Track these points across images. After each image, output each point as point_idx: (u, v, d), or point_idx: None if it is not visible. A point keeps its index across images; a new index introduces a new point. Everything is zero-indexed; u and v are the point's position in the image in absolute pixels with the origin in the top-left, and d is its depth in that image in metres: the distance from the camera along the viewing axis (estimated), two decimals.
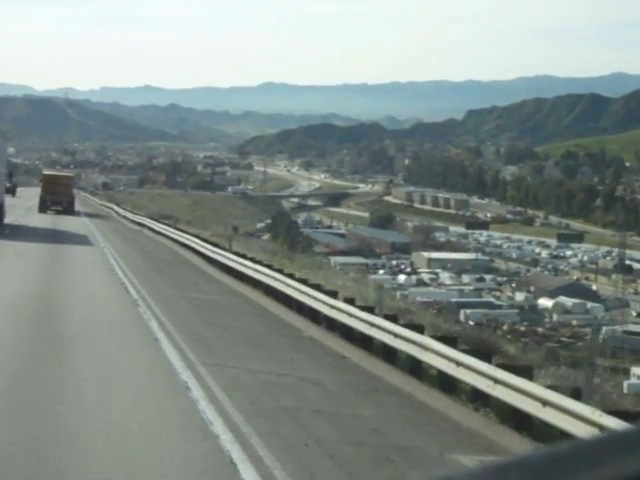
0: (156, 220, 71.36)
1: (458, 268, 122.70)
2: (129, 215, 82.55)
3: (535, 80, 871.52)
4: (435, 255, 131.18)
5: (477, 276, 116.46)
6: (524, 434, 13.59)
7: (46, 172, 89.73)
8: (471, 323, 70.73)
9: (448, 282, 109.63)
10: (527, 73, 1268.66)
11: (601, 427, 11.29)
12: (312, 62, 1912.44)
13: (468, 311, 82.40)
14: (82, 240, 49.34)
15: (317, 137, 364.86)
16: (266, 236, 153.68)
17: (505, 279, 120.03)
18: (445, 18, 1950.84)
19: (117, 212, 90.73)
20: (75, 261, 38.46)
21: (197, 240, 47.78)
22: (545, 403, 12.85)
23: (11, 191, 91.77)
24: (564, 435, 12.16)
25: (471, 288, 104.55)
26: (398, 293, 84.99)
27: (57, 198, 76.06)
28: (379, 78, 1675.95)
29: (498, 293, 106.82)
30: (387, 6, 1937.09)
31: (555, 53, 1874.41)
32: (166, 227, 62.29)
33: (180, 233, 54.91)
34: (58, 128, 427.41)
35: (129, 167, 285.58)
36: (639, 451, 1.52)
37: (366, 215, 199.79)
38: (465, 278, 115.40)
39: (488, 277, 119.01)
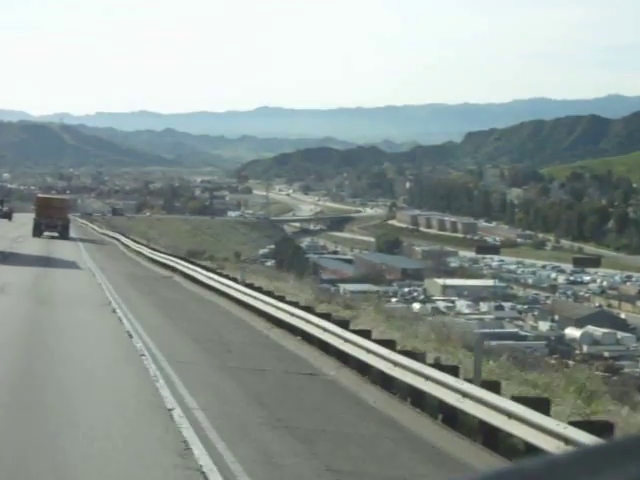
0: (188, 260, 51.00)
1: (475, 295, 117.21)
2: (145, 251, 62.84)
3: (531, 103, 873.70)
4: (450, 282, 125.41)
5: (495, 304, 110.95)
6: None
7: (41, 195, 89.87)
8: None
9: (466, 310, 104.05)
10: (523, 96, 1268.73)
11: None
12: (308, 86, 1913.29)
13: (493, 343, 76.35)
14: (87, 308, 29.95)
15: (315, 160, 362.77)
16: (270, 262, 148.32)
17: (525, 307, 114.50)
18: (440, 41, 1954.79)
19: (125, 245, 73.80)
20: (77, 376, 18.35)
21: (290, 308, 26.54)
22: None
23: (7, 216, 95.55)
24: None
25: (491, 317, 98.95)
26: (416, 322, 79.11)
27: (52, 222, 74.13)
28: (374, 102, 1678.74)
29: (520, 322, 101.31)
30: (383, 30, 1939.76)
31: (550, 75, 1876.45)
32: (209, 274, 40.77)
33: (240, 287, 33.73)
34: (54, 153, 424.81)
35: (126, 192, 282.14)
36: (636, 459, 1.51)
37: (371, 239, 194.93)
38: (483, 306, 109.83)
39: (507, 305, 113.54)
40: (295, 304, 27.08)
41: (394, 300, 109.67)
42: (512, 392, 15.99)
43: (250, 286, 33.52)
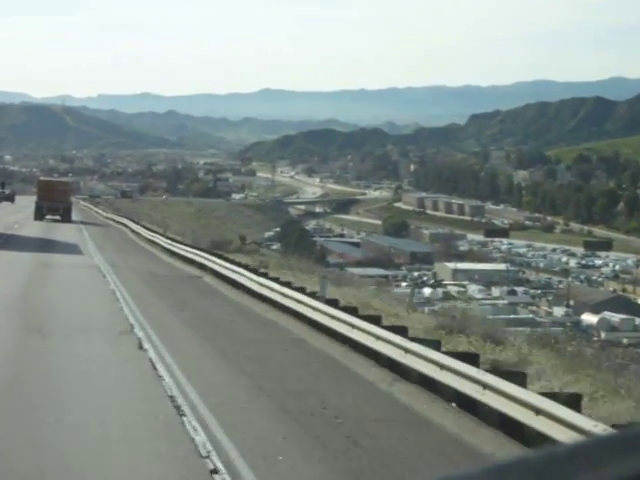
0: (219, 255, 40.18)
1: (486, 280, 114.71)
2: (161, 241, 54.65)
3: (534, 85, 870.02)
4: (460, 266, 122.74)
5: (508, 289, 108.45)
6: None
7: (42, 178, 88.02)
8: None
9: (478, 295, 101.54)
10: (525, 78, 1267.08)
11: None
12: (310, 68, 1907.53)
13: (510, 329, 74.15)
14: (98, 340, 20.24)
15: (318, 143, 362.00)
16: (275, 245, 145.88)
17: (539, 292, 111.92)
18: (442, 23, 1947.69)
19: (135, 232, 67.20)
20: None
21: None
22: None
23: (10, 198, 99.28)
24: None
25: (504, 302, 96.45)
26: (426, 309, 77.19)
27: (54, 205, 73.47)
28: (377, 84, 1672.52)
29: (534, 308, 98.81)
30: (384, 12, 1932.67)
31: (553, 58, 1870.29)
32: (256, 277, 30.81)
33: (314, 303, 23.64)
34: (55, 135, 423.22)
35: (129, 174, 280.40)
36: (638, 452, 1.52)
37: (377, 222, 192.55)
38: (495, 291, 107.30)
39: (519, 289, 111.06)
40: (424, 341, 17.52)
41: (403, 285, 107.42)
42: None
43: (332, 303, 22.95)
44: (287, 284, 27.66)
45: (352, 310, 21.83)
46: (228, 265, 34.88)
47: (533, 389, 14.06)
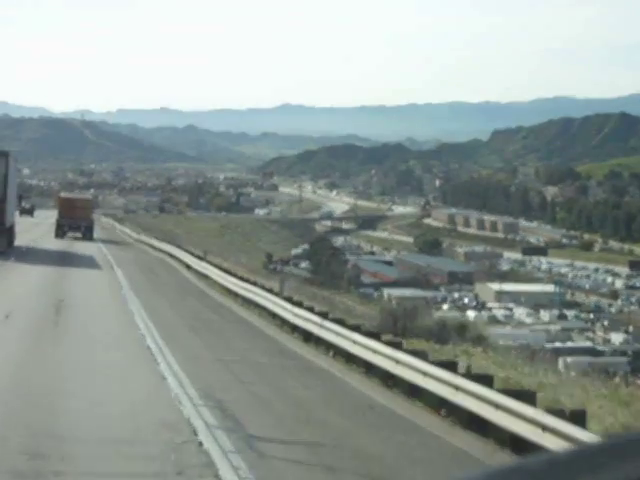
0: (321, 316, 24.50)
1: (532, 302, 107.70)
2: (222, 278, 39.29)
3: (553, 101, 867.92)
4: (505, 287, 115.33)
5: (557, 312, 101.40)
6: None
7: (63, 195, 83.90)
8: (572, 374, 55.52)
9: (526, 320, 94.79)
10: (545, 94, 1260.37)
11: None
12: (329, 84, 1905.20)
13: (569, 359, 68.01)
14: None
15: (339, 158, 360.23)
16: (304, 263, 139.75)
17: (591, 316, 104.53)
18: (462, 39, 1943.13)
19: (185, 264, 51.77)
20: None
21: None
22: None
23: (29, 212, 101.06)
24: None
25: (557, 328, 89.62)
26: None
27: (75, 223, 71.57)
28: (396, 100, 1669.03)
29: (590, 334, 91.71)
30: (403, 28, 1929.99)
31: (573, 74, 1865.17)
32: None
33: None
34: (74, 149, 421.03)
35: (148, 189, 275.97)
36: (636, 458, 1.51)
37: (407, 239, 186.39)
38: (544, 314, 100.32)
39: (570, 313, 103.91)
40: None
41: (445, 307, 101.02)
42: None
43: None
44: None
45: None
46: (362, 339, 20.26)
47: None
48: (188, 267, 49.92)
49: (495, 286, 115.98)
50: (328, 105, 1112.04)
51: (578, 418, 12.10)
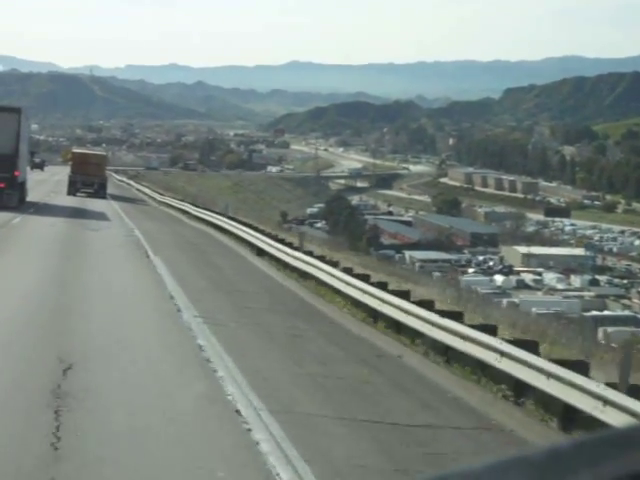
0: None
1: (561, 266, 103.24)
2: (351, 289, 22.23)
3: (563, 60, 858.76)
4: (533, 250, 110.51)
5: (589, 277, 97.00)
6: None
7: (76, 150, 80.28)
8: (613, 345, 51.45)
9: (557, 285, 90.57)
10: (555, 54, 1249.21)
11: None
12: (338, 41, 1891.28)
13: (610, 329, 64.00)
14: None
15: (350, 115, 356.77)
16: (320, 223, 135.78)
17: (625, 281, 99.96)
18: None
19: (234, 235, 39.57)
20: None
21: None
22: None
23: (40, 166, 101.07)
24: None
25: (591, 295, 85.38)
26: (504, 300, 66.71)
27: (88, 179, 69.31)
28: (405, 58, 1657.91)
29: (627, 301, 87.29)
30: None
31: (583, 33, 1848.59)
32: None
33: None
34: (83, 105, 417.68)
35: (158, 145, 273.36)
36: (638, 449, 1.51)
37: (424, 199, 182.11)
38: (574, 280, 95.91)
39: (602, 279, 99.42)
40: None
41: (471, 271, 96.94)
42: None
43: None
44: None
45: None
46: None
47: None
48: (260, 252, 33.19)
49: (522, 249, 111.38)
50: (336, 62, 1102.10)
51: None
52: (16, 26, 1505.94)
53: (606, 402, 11.07)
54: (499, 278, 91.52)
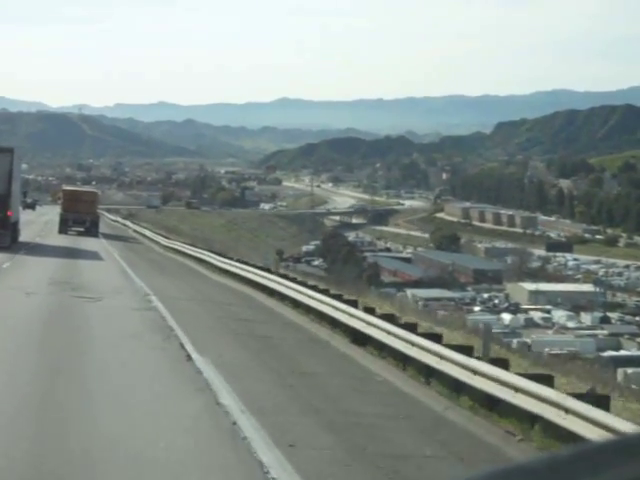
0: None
1: (570, 303, 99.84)
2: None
3: (552, 94, 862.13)
4: (541, 287, 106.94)
5: (599, 315, 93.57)
6: None
7: (67, 188, 79.67)
8: (633, 387, 47.71)
9: (568, 324, 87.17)
10: (544, 87, 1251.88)
11: None
12: (327, 78, 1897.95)
13: (629, 370, 60.21)
14: None
15: (341, 151, 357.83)
16: (317, 261, 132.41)
17: (638, 318, 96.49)
18: (460, 33, 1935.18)
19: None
20: None
21: None
22: None
23: (31, 206, 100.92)
24: None
25: (604, 333, 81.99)
26: (515, 340, 63.14)
27: (80, 217, 68.41)
28: (394, 93, 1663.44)
29: None
30: (401, 22, 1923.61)
31: (571, 67, 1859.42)
32: None
33: None
34: (72, 144, 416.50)
35: (148, 183, 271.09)
36: (638, 457, 1.50)
37: (422, 235, 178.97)
38: (585, 317, 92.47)
39: (613, 316, 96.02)
40: None
41: (477, 309, 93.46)
42: None
43: None
44: None
45: None
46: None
47: None
48: (357, 337, 21.14)
49: (529, 286, 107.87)
50: (326, 99, 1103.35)
51: None
52: (5, 66, 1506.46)
53: None
54: (506, 316, 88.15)
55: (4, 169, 47.18)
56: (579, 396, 12.08)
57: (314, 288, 27.67)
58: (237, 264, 39.60)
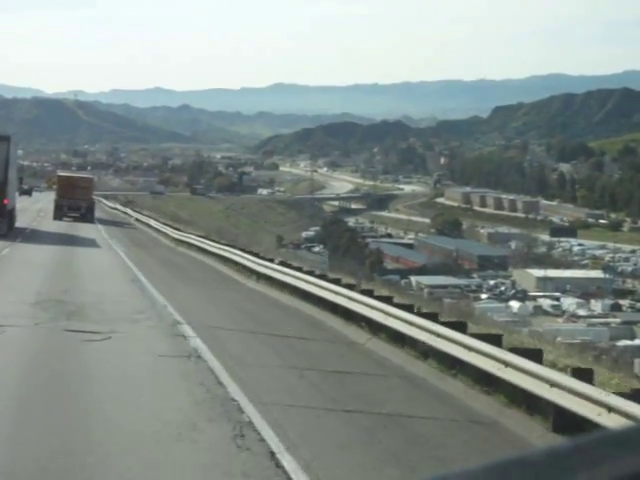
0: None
1: (579, 290, 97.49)
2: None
3: (547, 78, 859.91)
4: (550, 273, 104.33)
5: (610, 302, 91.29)
6: None
7: (62, 173, 79.38)
8: None
9: (579, 312, 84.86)
10: (539, 72, 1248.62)
11: None
12: (322, 63, 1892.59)
13: None
14: None
15: (337, 136, 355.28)
16: (317, 247, 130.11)
17: None
18: (455, 18, 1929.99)
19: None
20: None
21: None
22: None
23: (28, 193, 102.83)
24: None
25: (617, 321, 79.77)
26: (525, 329, 60.91)
27: (75, 203, 67.82)
28: (390, 78, 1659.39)
29: None
30: (397, 7, 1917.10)
31: (566, 51, 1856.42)
32: None
33: None
34: (68, 130, 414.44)
35: (145, 169, 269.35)
36: (637, 450, 1.51)
37: (423, 220, 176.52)
38: (595, 304, 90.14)
39: (624, 303, 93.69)
40: None
41: (484, 297, 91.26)
42: None
43: None
44: None
45: None
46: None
47: None
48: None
49: (536, 272, 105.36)
50: (321, 84, 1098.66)
51: None
52: None
53: None
54: (515, 304, 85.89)
55: (1, 157, 47.21)
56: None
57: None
58: (280, 267, 30.65)
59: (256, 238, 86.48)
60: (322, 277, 27.22)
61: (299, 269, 29.75)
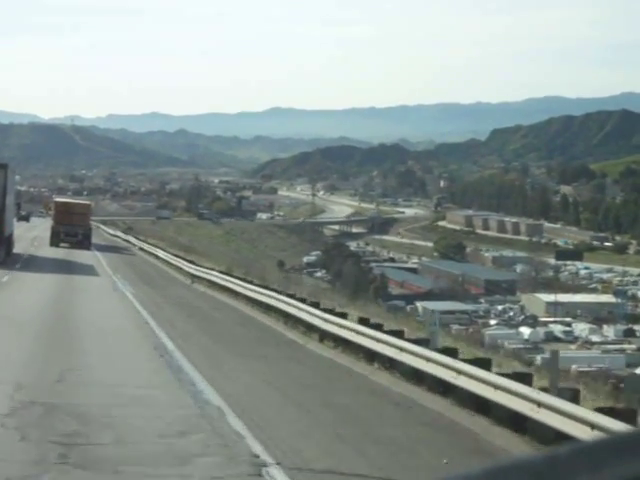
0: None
1: (591, 315, 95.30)
2: None
3: (545, 101, 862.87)
4: (560, 298, 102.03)
5: (623, 327, 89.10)
6: None
7: (58, 199, 78.77)
8: None
9: (592, 338, 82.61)
10: (536, 94, 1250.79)
11: None
12: (319, 87, 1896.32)
13: None
14: None
15: (335, 160, 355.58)
16: (319, 272, 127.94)
17: None
18: (451, 42, 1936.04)
19: None
20: None
21: None
22: None
23: (25, 219, 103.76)
24: None
25: (632, 347, 77.56)
26: (539, 357, 58.69)
27: (72, 229, 67.35)
28: (387, 102, 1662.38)
29: None
30: (393, 31, 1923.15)
31: (563, 74, 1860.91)
32: None
33: None
34: (65, 155, 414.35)
35: (142, 193, 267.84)
36: (637, 454, 1.50)
37: (425, 244, 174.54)
38: (607, 330, 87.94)
39: (637, 328, 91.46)
40: None
41: (493, 322, 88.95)
42: None
43: None
44: None
45: None
46: None
47: None
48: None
49: (545, 297, 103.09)
50: (318, 108, 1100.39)
51: None
52: None
53: None
54: (526, 330, 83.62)
55: None
56: None
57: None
58: (359, 328, 21.59)
59: (259, 265, 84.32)
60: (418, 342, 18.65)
61: (379, 327, 21.05)
